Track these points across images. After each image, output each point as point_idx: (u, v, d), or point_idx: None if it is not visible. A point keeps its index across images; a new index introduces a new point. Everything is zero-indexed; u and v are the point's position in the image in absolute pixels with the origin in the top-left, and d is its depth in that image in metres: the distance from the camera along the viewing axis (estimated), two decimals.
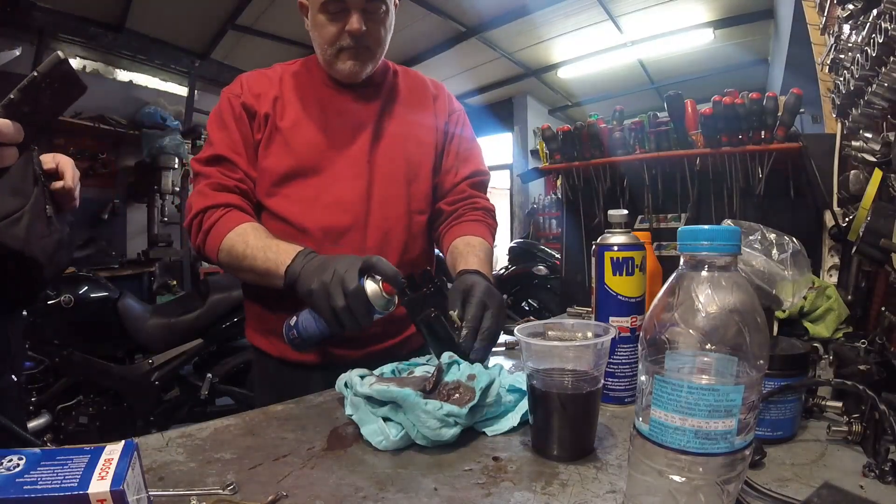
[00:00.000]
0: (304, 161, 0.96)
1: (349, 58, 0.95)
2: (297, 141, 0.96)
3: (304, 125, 0.97)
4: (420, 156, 1.05)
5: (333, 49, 0.94)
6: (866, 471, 0.49)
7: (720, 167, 1.82)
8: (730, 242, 0.39)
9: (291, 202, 0.96)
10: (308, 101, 0.99)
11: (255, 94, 0.98)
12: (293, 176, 0.96)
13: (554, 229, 6.43)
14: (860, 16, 1.01)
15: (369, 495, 0.47)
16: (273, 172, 0.96)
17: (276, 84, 1.00)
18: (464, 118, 1.14)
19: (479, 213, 1.10)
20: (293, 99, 0.99)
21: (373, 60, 0.98)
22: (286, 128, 0.96)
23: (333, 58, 0.96)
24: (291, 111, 0.98)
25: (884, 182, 0.98)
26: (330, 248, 0.94)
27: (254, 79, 1.01)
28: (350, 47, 0.93)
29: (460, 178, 1.09)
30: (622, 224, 0.71)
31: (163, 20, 4.06)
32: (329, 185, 0.97)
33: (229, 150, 0.96)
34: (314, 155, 0.97)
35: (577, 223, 2.27)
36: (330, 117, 0.99)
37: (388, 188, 1.00)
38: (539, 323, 0.61)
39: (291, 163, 0.96)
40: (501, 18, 4.71)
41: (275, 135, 0.97)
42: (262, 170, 0.97)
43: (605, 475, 0.51)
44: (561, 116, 7.45)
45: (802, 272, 0.83)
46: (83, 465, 0.35)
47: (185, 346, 2.27)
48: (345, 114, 1.00)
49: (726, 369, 0.38)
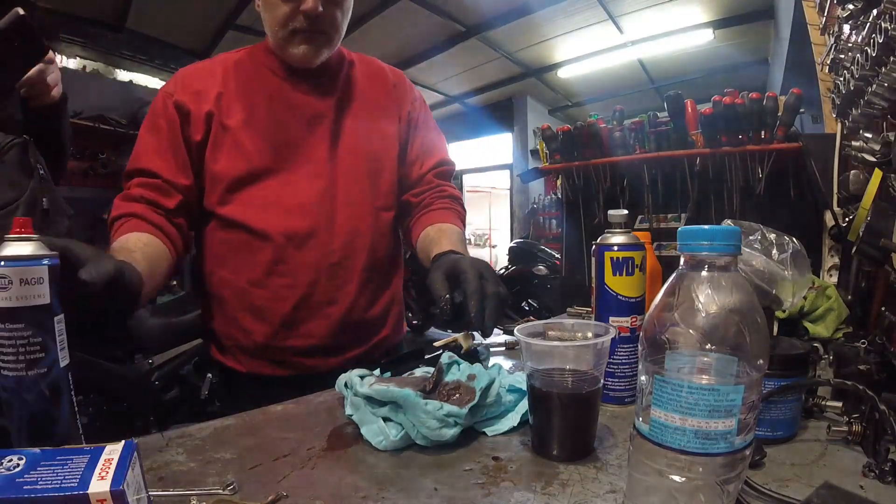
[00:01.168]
0: (259, 163, 0.89)
1: (302, 41, 0.87)
2: (248, 141, 0.89)
3: (254, 123, 0.89)
4: (383, 149, 0.99)
5: (285, 31, 0.87)
6: (866, 471, 0.49)
7: (720, 167, 1.82)
8: (730, 242, 0.39)
9: (248, 208, 0.89)
10: (256, 96, 0.91)
11: (194, 90, 0.89)
12: (248, 180, 0.89)
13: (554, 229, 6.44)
14: (860, 16, 1.01)
15: (369, 495, 0.47)
16: (225, 178, 0.89)
17: (218, 78, 0.91)
18: (425, 106, 1.08)
19: (447, 200, 1.04)
20: (239, 94, 0.91)
21: (329, 46, 0.90)
22: (234, 127, 0.88)
23: (285, 41, 0.88)
24: (238, 108, 0.90)
25: (884, 182, 0.98)
26: (295, 254, 0.89)
27: (191, 74, 0.92)
28: (304, 30, 0.86)
29: (426, 168, 1.03)
30: (622, 224, 0.71)
31: (163, 20, 4.07)
32: (288, 187, 0.90)
33: (154, 157, 0.87)
34: (269, 155, 0.89)
35: (577, 223, 2.27)
36: (282, 112, 0.91)
37: (351, 186, 0.94)
38: (539, 323, 0.61)
39: (244, 166, 0.88)
40: (501, 18, 4.72)
41: (222, 136, 0.89)
42: (213, 176, 0.89)
43: (605, 475, 0.51)
44: (561, 116, 7.45)
45: (802, 272, 0.83)
46: (83, 465, 0.35)
47: (185, 346, 2.27)
48: (299, 107, 0.92)
49: (726, 369, 0.38)
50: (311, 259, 0.90)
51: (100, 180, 4.14)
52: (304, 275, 0.90)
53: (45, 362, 0.49)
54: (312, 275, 0.91)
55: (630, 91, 6.12)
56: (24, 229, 0.50)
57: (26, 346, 0.48)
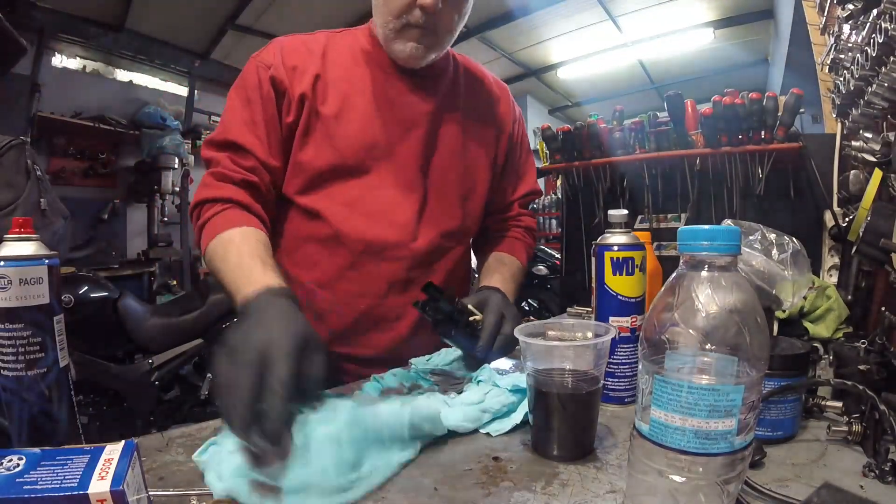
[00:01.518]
0: (349, 160, 0.84)
1: (413, 38, 0.81)
2: (341, 134, 0.84)
3: (349, 116, 0.84)
4: (478, 171, 0.94)
5: (398, 23, 0.80)
6: (866, 471, 0.49)
7: (720, 167, 1.82)
8: (730, 242, 0.39)
9: (331, 204, 0.85)
10: (356, 85, 0.86)
11: (291, 66, 0.83)
12: (334, 175, 0.84)
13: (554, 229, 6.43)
14: (860, 16, 1.01)
15: (369, 495, 0.47)
16: (311, 169, 0.84)
17: (318, 59, 0.85)
18: (523, 126, 1.04)
19: (520, 230, 1.05)
20: (338, 80, 0.85)
21: (437, 48, 0.85)
22: (329, 116, 0.83)
23: (395, 33, 0.82)
24: (335, 96, 0.84)
25: (884, 182, 0.98)
26: (369, 263, 0.85)
27: (292, 48, 0.86)
28: (417, 25, 0.80)
29: (516, 196, 1.03)
30: (622, 224, 0.71)
31: (163, 20, 4.06)
32: (375, 192, 0.85)
33: (248, 133, 0.83)
34: (360, 153, 0.84)
35: (577, 223, 2.27)
36: (380, 110, 0.86)
37: (441, 204, 0.89)
38: (539, 323, 0.61)
39: (333, 160, 0.84)
40: (501, 18, 4.71)
41: (314, 123, 0.84)
42: (298, 163, 0.85)
43: (605, 475, 0.51)
44: (561, 116, 7.45)
45: (802, 272, 0.83)
46: (83, 465, 0.35)
47: (185, 346, 2.27)
48: (397, 106, 0.87)
49: (726, 369, 0.38)
50: (385, 271, 0.86)
51: (100, 180, 4.14)
52: (375, 286, 0.87)
53: (45, 362, 0.49)
54: (383, 287, 0.87)
55: (630, 91, 6.12)
56: (24, 229, 0.50)
57: (26, 346, 0.48)
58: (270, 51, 0.86)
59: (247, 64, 0.86)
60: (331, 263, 0.87)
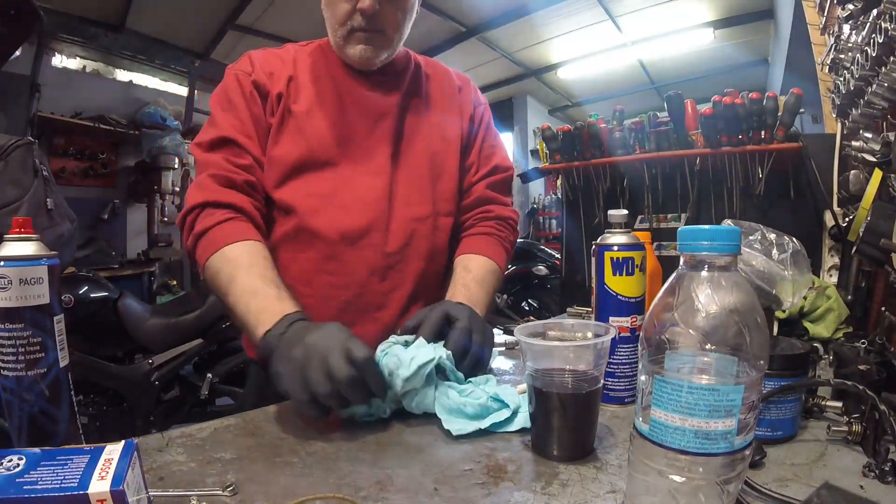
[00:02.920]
0: (318, 151, 0.87)
1: (360, 41, 0.86)
2: (310, 128, 0.87)
3: (318, 111, 0.88)
4: (445, 152, 0.96)
5: (344, 30, 0.85)
6: (866, 471, 0.49)
7: (720, 167, 1.82)
8: (730, 242, 0.39)
9: (303, 196, 0.86)
10: (324, 86, 0.90)
11: (268, 72, 0.88)
12: (305, 167, 0.87)
13: (554, 229, 6.44)
14: (860, 16, 1.01)
15: (369, 495, 0.47)
16: (283, 162, 0.86)
17: (290, 64, 0.90)
18: (489, 112, 1.06)
19: (492, 224, 1.00)
20: (307, 81, 0.90)
21: (388, 47, 0.89)
22: (300, 112, 0.87)
23: (344, 40, 0.87)
24: (306, 95, 0.89)
25: (884, 182, 0.98)
26: (346, 252, 0.87)
27: (265, 57, 0.91)
28: (361, 29, 0.84)
29: (479, 176, 1.00)
30: (622, 224, 0.71)
31: (163, 20, 4.07)
32: (346, 182, 0.88)
33: (237, 131, 0.85)
34: (329, 146, 0.87)
35: (577, 223, 2.27)
36: (348, 106, 0.90)
37: (411, 186, 0.91)
38: (539, 323, 0.61)
39: (303, 152, 0.86)
40: (501, 18, 4.71)
41: (287, 119, 0.87)
42: (272, 160, 0.87)
43: (605, 475, 0.51)
44: (561, 116, 7.45)
45: (802, 272, 0.83)
46: (83, 465, 0.35)
47: (185, 346, 2.27)
48: (363, 102, 0.91)
49: (726, 369, 0.38)
50: (363, 258, 0.87)
51: (100, 180, 4.14)
52: (355, 275, 0.87)
53: (45, 362, 0.49)
54: (364, 275, 0.87)
55: (630, 91, 6.12)
56: (24, 229, 0.50)
57: (26, 346, 0.48)
58: (246, 61, 0.90)
59: (224, 76, 0.90)
60: (307, 258, 0.87)
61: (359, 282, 0.88)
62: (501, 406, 0.63)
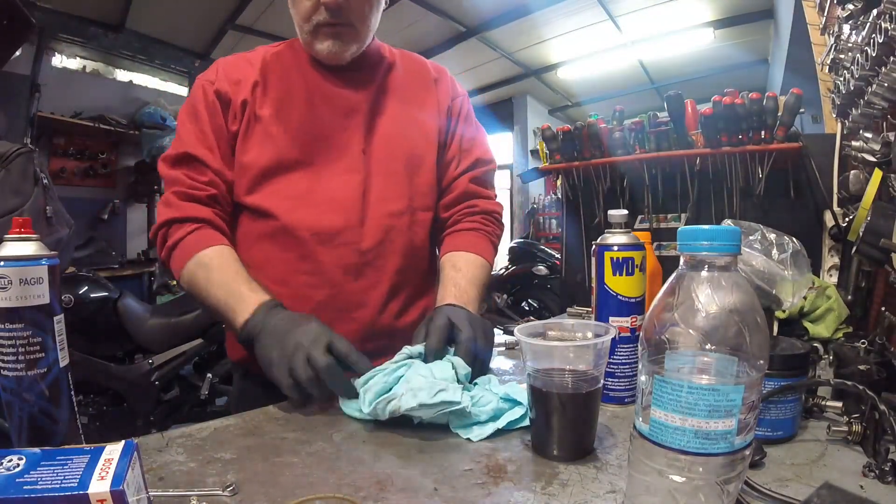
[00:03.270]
0: (288, 153, 0.86)
1: (328, 36, 0.84)
2: (278, 132, 0.86)
3: (287, 112, 0.87)
4: (423, 146, 0.95)
5: (310, 25, 0.84)
6: (866, 471, 0.49)
7: (720, 167, 1.82)
8: (730, 242, 0.39)
9: (276, 199, 0.86)
10: (293, 85, 0.89)
11: (234, 80, 0.87)
12: (276, 171, 0.86)
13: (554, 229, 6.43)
14: (860, 16, 1.01)
15: (369, 495, 0.47)
16: (253, 168, 0.86)
17: (257, 68, 0.89)
18: (468, 103, 1.04)
19: (477, 219, 0.99)
20: (275, 83, 0.88)
21: (357, 41, 0.87)
22: (267, 116, 0.86)
23: (311, 36, 0.85)
24: (272, 98, 0.87)
25: (884, 182, 0.98)
26: (321, 251, 0.86)
27: (232, 64, 0.90)
28: (328, 23, 0.83)
29: (460, 170, 0.98)
30: (622, 224, 0.71)
31: (163, 20, 4.06)
32: (319, 182, 0.87)
33: (200, 145, 0.86)
34: (300, 145, 0.86)
35: (577, 223, 2.27)
36: (317, 105, 0.88)
37: (387, 182, 0.90)
38: (539, 323, 0.61)
39: (273, 155, 0.85)
40: (501, 18, 4.71)
41: (254, 125, 0.86)
42: (242, 167, 0.87)
43: (605, 475, 0.51)
44: (561, 116, 7.45)
45: (802, 272, 0.83)
46: (83, 466, 0.35)
47: (185, 346, 2.27)
48: (334, 99, 0.89)
49: (726, 369, 0.38)
50: (337, 257, 0.86)
51: (100, 180, 4.14)
52: (329, 274, 0.86)
53: (45, 362, 0.49)
54: (338, 274, 0.86)
55: (630, 91, 6.12)
56: (24, 229, 0.50)
57: (26, 346, 0.48)
58: (213, 69, 0.90)
59: (193, 85, 0.91)
60: (282, 258, 0.87)
61: (333, 281, 0.87)
62: (513, 404, 0.63)
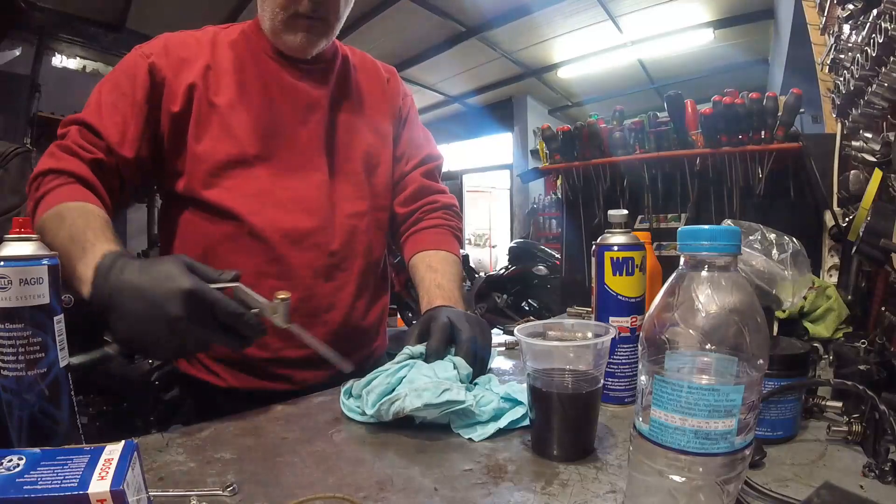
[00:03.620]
0: (249, 148, 0.82)
1: (303, 29, 0.82)
2: (237, 122, 0.82)
3: (244, 103, 0.83)
4: (379, 145, 0.94)
5: (286, 14, 0.80)
6: (866, 471, 0.49)
7: (720, 167, 1.82)
8: (730, 242, 0.39)
9: (238, 196, 0.82)
10: (248, 75, 0.84)
11: (180, 58, 0.81)
12: (234, 164, 0.82)
13: (554, 229, 6.44)
14: (860, 16, 1.01)
15: (369, 495, 0.47)
16: (209, 160, 0.81)
17: (207, 49, 0.84)
18: (413, 103, 1.04)
19: (439, 214, 0.99)
20: (229, 70, 0.84)
21: (327, 36, 0.86)
22: (223, 105, 0.82)
23: (284, 25, 0.82)
24: (228, 86, 0.83)
25: (884, 182, 0.98)
26: (291, 254, 0.83)
27: (178, 40, 0.84)
28: (306, 16, 0.80)
29: (411, 166, 0.99)
30: (622, 224, 0.71)
31: (163, 20, 4.06)
32: (282, 180, 0.84)
33: (104, 116, 0.78)
34: (260, 141, 0.83)
35: (577, 223, 2.27)
36: (276, 97, 0.85)
37: (349, 182, 0.89)
38: (539, 323, 0.61)
39: (231, 149, 0.81)
40: (501, 18, 4.72)
41: (209, 114, 0.81)
42: (195, 156, 0.82)
43: (605, 475, 0.51)
44: (561, 116, 7.45)
45: (802, 272, 0.83)
46: (83, 466, 0.35)
47: None
48: (293, 94, 0.86)
49: (726, 369, 0.38)
50: (308, 259, 0.84)
51: None
52: (301, 277, 0.84)
53: (44, 362, 0.49)
54: (310, 277, 0.85)
55: (630, 91, 6.13)
56: (24, 229, 0.50)
57: (26, 346, 0.48)
58: (155, 42, 0.84)
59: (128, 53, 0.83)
60: (248, 262, 0.82)
61: (305, 284, 0.84)
62: (514, 404, 0.64)
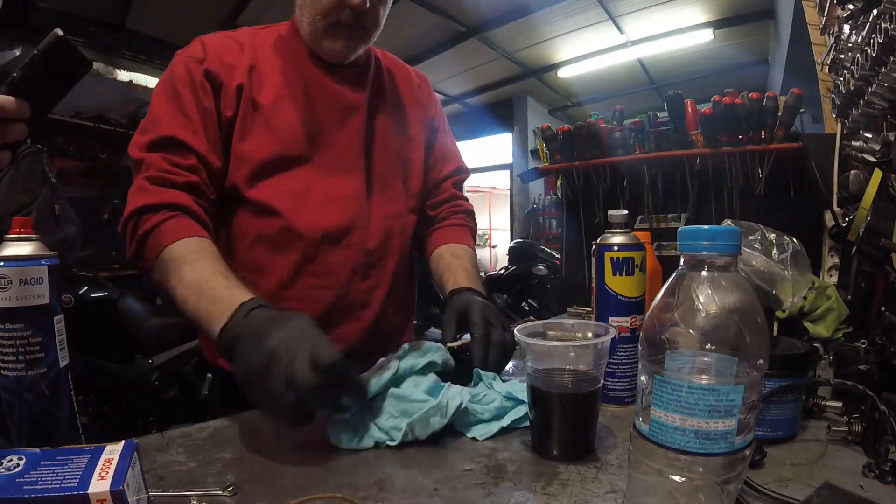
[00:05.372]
0: (292, 148, 0.83)
1: (344, 36, 0.83)
2: (280, 123, 0.83)
3: (286, 105, 0.84)
4: (411, 149, 0.97)
5: (327, 21, 0.81)
6: (866, 471, 0.49)
7: (720, 167, 1.82)
8: (730, 242, 0.39)
9: (280, 195, 0.82)
10: (290, 77, 0.85)
11: (225, 61, 0.82)
12: (279, 166, 0.83)
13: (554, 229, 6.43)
14: (860, 16, 1.01)
15: (369, 495, 0.47)
16: (254, 160, 0.82)
17: (249, 51, 0.85)
18: (443, 111, 1.08)
19: (461, 216, 1.05)
20: (272, 71, 0.85)
21: (365, 42, 0.87)
22: (266, 105, 0.82)
23: (324, 32, 0.82)
24: (272, 86, 0.84)
25: (884, 182, 0.98)
26: (328, 252, 0.85)
27: (221, 43, 0.84)
28: (347, 24, 0.81)
29: (444, 175, 1.03)
30: (622, 224, 0.71)
31: (163, 20, 4.06)
32: (322, 179, 0.85)
33: (182, 128, 0.77)
34: (302, 142, 0.84)
35: (577, 223, 2.27)
36: (317, 99, 0.86)
37: (385, 184, 0.92)
38: (539, 323, 0.61)
39: (276, 149, 0.82)
40: (501, 18, 4.71)
41: (253, 113, 0.82)
42: (239, 155, 0.82)
43: (605, 475, 0.51)
44: (561, 116, 7.45)
45: (802, 272, 0.83)
46: (83, 465, 0.35)
47: (185, 346, 2.27)
48: (332, 96, 0.87)
49: (726, 369, 0.38)
50: (345, 258, 0.86)
51: (100, 180, 4.14)
52: (338, 275, 0.86)
53: (45, 362, 0.49)
54: (347, 275, 0.86)
55: (630, 91, 6.12)
56: (24, 229, 0.50)
57: (26, 346, 0.48)
58: (198, 47, 0.83)
59: (172, 61, 0.83)
60: (286, 261, 0.84)
61: (342, 282, 0.86)
62: (516, 403, 0.64)
